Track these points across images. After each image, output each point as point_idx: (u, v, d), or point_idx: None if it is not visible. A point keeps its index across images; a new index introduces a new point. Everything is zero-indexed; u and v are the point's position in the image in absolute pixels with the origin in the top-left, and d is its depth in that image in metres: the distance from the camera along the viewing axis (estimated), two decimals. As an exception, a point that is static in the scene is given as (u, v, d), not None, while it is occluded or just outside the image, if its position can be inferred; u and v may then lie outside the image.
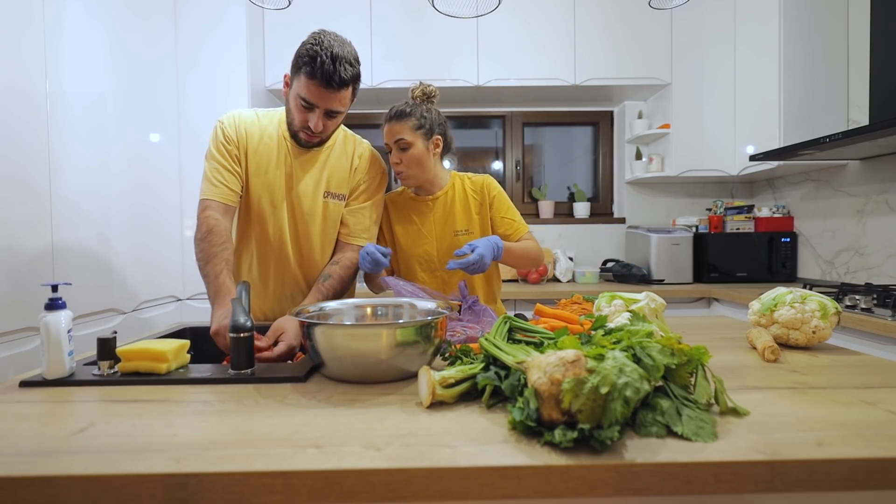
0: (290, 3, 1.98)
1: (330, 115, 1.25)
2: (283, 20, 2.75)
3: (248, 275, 1.39)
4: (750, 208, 2.87)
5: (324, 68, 1.15)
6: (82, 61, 1.80)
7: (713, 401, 0.69)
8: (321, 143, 1.34)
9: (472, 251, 1.26)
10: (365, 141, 1.47)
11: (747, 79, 2.61)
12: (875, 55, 2.07)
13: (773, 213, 2.81)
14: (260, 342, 1.05)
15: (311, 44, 1.18)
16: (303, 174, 1.35)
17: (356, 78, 1.24)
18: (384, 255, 1.27)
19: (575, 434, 0.56)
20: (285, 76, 1.29)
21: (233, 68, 2.53)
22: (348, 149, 1.42)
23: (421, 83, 1.53)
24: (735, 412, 0.68)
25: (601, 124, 3.36)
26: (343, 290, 1.38)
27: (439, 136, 1.49)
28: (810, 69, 2.36)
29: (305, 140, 1.30)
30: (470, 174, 1.60)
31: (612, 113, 3.34)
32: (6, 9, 1.47)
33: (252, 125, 1.34)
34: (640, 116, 3.12)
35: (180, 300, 2.49)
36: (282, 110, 1.39)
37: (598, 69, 2.83)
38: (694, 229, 2.83)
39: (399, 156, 1.44)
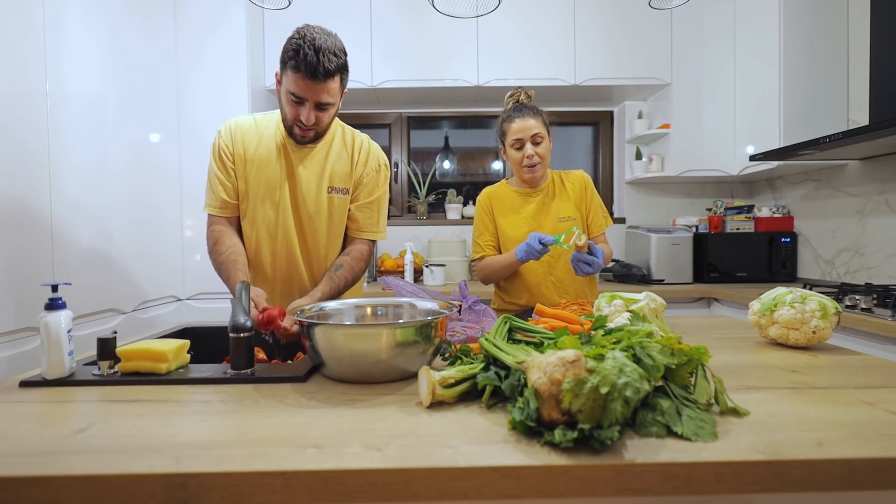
0: (290, 3, 1.98)
1: (320, 107, 1.24)
2: (283, 20, 2.75)
3: (255, 275, 1.39)
4: (750, 208, 2.87)
5: (307, 60, 1.15)
6: (82, 61, 1.79)
7: (713, 401, 0.69)
8: (317, 137, 1.33)
9: (595, 260, 1.42)
10: (363, 134, 1.47)
11: (747, 79, 2.61)
12: (875, 55, 2.07)
13: (773, 213, 2.81)
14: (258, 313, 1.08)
15: (295, 38, 1.18)
16: (305, 171, 1.35)
17: (342, 68, 1.22)
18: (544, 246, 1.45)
19: (575, 434, 0.56)
20: (276, 74, 1.29)
21: (233, 68, 2.52)
22: (347, 143, 1.42)
23: (521, 88, 1.71)
24: (735, 412, 0.68)
25: (601, 124, 3.36)
26: (354, 279, 1.39)
27: (551, 134, 1.67)
28: (810, 69, 2.36)
29: (300, 136, 1.29)
30: (564, 171, 1.77)
31: (612, 113, 3.34)
32: (6, 9, 1.47)
33: (249, 131, 1.35)
34: (640, 116, 3.12)
35: (180, 300, 2.49)
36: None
37: (598, 69, 2.82)
38: (694, 229, 2.83)
39: (534, 150, 1.60)
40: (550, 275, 1.66)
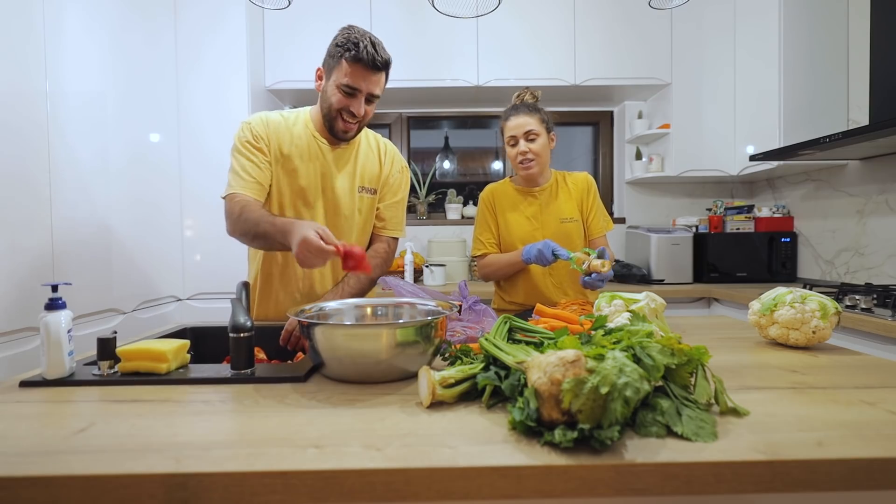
0: (290, 3, 1.98)
1: (369, 99, 1.30)
2: (283, 20, 2.75)
3: (280, 276, 1.38)
4: (750, 208, 2.87)
5: (367, 51, 1.24)
6: (82, 61, 1.79)
7: (713, 401, 0.69)
8: (357, 132, 1.36)
9: (606, 276, 1.39)
10: (383, 137, 1.53)
11: (747, 79, 2.61)
12: (875, 55, 2.07)
13: (773, 213, 2.81)
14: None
15: (349, 33, 1.26)
16: (338, 171, 1.38)
17: (391, 63, 1.30)
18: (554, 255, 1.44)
19: (575, 434, 0.56)
20: (318, 70, 1.33)
21: (233, 69, 2.52)
22: (373, 144, 1.47)
23: (528, 88, 1.72)
24: (735, 412, 0.68)
25: (601, 124, 3.36)
26: (368, 278, 1.40)
27: (553, 134, 1.68)
28: (810, 69, 2.36)
29: (343, 130, 1.32)
30: (568, 171, 1.78)
31: (612, 113, 3.34)
32: (7, 10, 1.47)
33: (280, 126, 1.35)
34: (640, 116, 3.11)
35: (180, 300, 2.49)
36: (305, 110, 1.40)
37: (598, 69, 2.82)
38: (694, 229, 2.83)
39: (527, 146, 1.61)
40: (551, 275, 1.66)
